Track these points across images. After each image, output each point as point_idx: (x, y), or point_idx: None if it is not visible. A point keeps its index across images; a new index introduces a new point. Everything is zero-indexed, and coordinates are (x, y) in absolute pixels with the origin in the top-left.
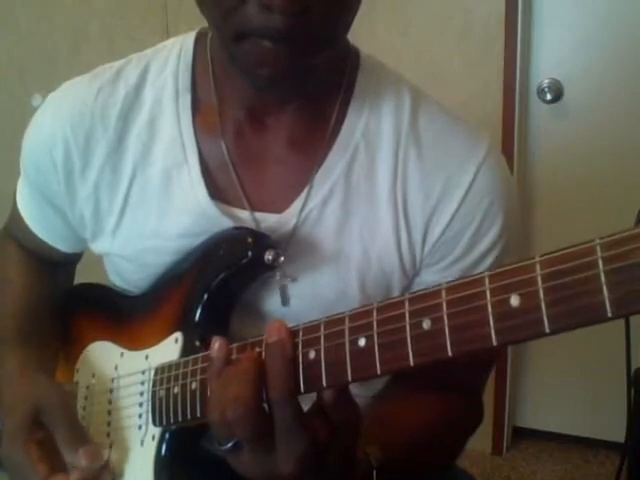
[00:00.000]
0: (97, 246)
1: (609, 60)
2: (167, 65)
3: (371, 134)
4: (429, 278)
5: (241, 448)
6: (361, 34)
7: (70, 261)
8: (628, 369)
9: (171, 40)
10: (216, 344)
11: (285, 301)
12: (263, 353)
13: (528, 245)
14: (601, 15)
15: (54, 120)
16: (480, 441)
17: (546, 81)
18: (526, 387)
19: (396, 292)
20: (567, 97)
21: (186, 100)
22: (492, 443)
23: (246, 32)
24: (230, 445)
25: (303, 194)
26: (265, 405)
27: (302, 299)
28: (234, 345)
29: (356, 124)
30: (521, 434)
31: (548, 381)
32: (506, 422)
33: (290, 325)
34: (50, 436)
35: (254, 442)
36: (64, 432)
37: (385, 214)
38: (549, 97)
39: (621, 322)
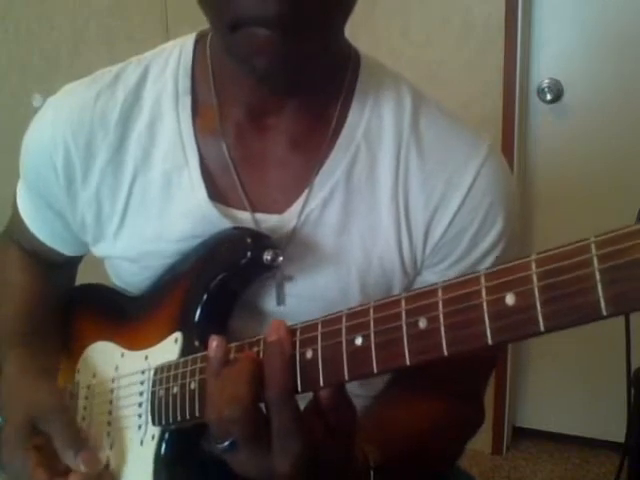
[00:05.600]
0: (98, 250)
1: (609, 60)
2: (166, 68)
3: (372, 135)
4: (430, 278)
5: (238, 447)
6: (361, 34)
7: (71, 262)
8: (628, 369)
9: (170, 43)
10: (214, 343)
11: (280, 301)
12: (261, 353)
13: (528, 245)
14: (601, 15)
15: (54, 125)
16: (480, 441)
17: (546, 81)
18: (526, 387)
19: (396, 293)
20: (567, 97)
21: (186, 102)
22: (492, 443)
23: (241, 21)
24: (227, 444)
25: (304, 195)
26: (262, 405)
27: (302, 299)
28: (232, 345)
29: (357, 125)
30: (521, 434)
31: (548, 381)
32: (506, 422)
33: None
34: (49, 442)
35: (250, 442)
36: (62, 437)
37: (386, 215)
38: (549, 97)
39: (621, 322)
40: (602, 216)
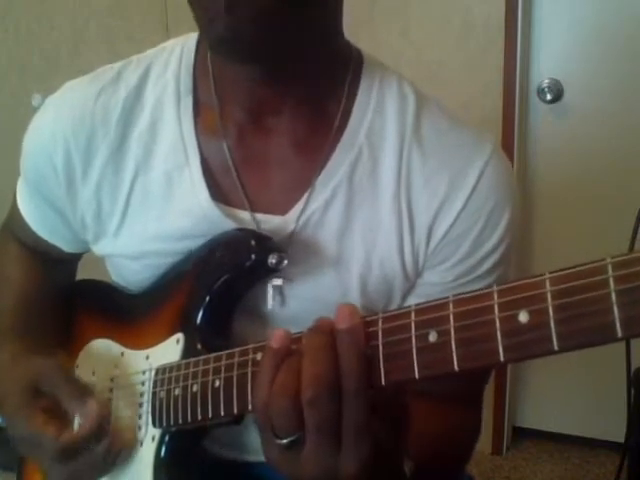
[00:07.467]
0: (99, 248)
1: (609, 60)
2: (168, 67)
3: (375, 135)
4: (431, 278)
5: (302, 443)
6: (361, 34)
7: (72, 259)
8: (628, 369)
9: (172, 41)
10: (279, 332)
11: (281, 303)
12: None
13: (528, 245)
14: (601, 15)
15: (55, 123)
16: (480, 441)
17: (546, 81)
18: (526, 387)
19: (397, 296)
20: (567, 97)
21: (187, 102)
22: (492, 443)
23: None
24: (291, 439)
25: (305, 196)
26: None
27: (303, 301)
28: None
29: (360, 125)
30: (521, 434)
31: (548, 381)
32: (506, 422)
33: (292, 330)
34: (53, 403)
35: (322, 433)
36: (67, 389)
37: (388, 216)
38: (549, 97)
39: None
40: (602, 216)
